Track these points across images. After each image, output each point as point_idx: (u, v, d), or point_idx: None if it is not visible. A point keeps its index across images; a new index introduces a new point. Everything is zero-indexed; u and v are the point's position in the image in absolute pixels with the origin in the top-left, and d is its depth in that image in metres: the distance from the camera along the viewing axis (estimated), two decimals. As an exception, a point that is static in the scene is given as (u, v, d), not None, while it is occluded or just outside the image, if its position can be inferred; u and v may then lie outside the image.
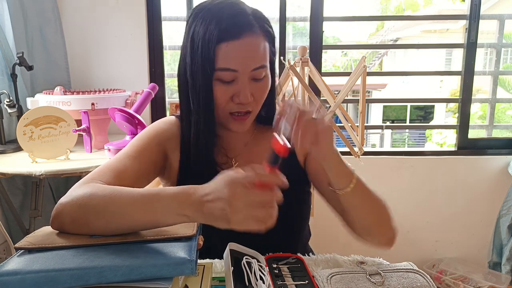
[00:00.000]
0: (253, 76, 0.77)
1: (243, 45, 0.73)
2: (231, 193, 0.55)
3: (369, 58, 10.82)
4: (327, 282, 0.66)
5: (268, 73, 0.80)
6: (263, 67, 0.77)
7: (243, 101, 0.76)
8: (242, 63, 0.74)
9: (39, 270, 0.53)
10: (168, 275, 0.53)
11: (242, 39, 0.73)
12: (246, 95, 0.76)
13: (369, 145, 8.38)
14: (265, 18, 0.78)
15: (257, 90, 0.78)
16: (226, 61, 0.73)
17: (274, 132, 0.64)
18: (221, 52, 0.73)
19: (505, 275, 2.03)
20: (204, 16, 0.75)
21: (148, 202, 0.61)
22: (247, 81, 0.76)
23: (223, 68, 0.74)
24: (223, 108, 0.78)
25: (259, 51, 0.75)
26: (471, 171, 2.16)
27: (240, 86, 0.76)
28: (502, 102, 2.41)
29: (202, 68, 0.74)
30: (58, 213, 0.65)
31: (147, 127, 0.89)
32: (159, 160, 0.84)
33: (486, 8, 6.25)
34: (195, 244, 0.60)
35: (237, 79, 0.76)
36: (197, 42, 0.74)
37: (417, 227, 2.21)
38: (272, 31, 0.80)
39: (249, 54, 0.74)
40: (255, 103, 0.80)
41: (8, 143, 1.69)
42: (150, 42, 2.04)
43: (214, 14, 0.74)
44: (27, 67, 1.67)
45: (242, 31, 0.73)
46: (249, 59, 0.74)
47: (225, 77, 0.75)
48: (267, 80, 0.80)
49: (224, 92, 0.76)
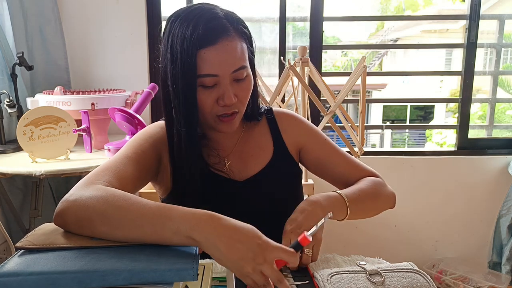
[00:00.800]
0: (234, 77, 0.78)
1: (220, 49, 0.74)
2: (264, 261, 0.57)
3: (369, 58, 10.82)
4: (327, 282, 0.66)
5: (249, 73, 0.81)
6: (243, 67, 0.78)
7: (228, 103, 0.77)
8: (221, 68, 0.75)
9: (41, 272, 0.52)
10: (169, 280, 0.53)
11: (218, 44, 0.74)
12: (229, 97, 0.77)
13: (369, 145, 8.38)
14: (238, 19, 0.79)
15: (240, 90, 0.80)
16: (205, 67, 0.75)
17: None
18: (200, 60, 0.74)
19: (505, 275, 2.03)
20: (180, 23, 0.76)
21: (159, 218, 0.60)
22: (229, 84, 0.77)
23: (204, 74, 0.75)
24: (210, 112, 0.80)
25: (236, 53, 0.76)
26: (471, 171, 2.16)
27: (223, 89, 0.77)
28: (502, 102, 2.41)
29: (183, 77, 0.75)
30: (63, 210, 0.64)
31: (140, 131, 0.89)
32: (154, 163, 0.85)
33: (486, 8, 6.25)
34: (197, 249, 0.60)
35: (219, 83, 0.77)
36: (175, 52, 0.75)
37: (417, 227, 2.21)
38: (248, 31, 0.81)
39: (227, 57, 0.75)
40: (240, 103, 0.81)
41: (8, 143, 1.69)
42: (150, 42, 2.04)
43: (189, 21, 0.75)
44: (27, 67, 1.67)
45: (217, 36, 0.74)
46: (227, 63, 0.76)
47: (207, 82, 0.76)
48: (249, 79, 0.81)
49: (208, 97, 0.77)
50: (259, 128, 0.95)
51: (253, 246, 0.57)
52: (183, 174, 0.83)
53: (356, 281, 0.67)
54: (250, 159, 0.90)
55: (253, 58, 0.85)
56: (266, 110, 0.96)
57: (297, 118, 0.97)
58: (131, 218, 0.61)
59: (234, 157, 0.90)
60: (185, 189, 0.83)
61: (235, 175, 0.88)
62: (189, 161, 0.81)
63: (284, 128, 0.95)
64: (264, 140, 0.93)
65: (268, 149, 0.92)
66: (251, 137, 0.93)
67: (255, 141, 0.93)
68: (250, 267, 0.57)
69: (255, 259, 0.57)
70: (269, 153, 0.92)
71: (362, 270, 0.70)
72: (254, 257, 0.57)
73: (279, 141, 0.93)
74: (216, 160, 0.87)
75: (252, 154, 0.91)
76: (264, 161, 0.91)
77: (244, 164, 0.89)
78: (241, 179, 0.88)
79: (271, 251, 0.58)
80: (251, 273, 0.57)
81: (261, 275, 0.57)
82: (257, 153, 0.91)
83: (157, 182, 0.90)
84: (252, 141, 0.92)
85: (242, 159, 0.90)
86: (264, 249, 0.57)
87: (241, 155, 0.90)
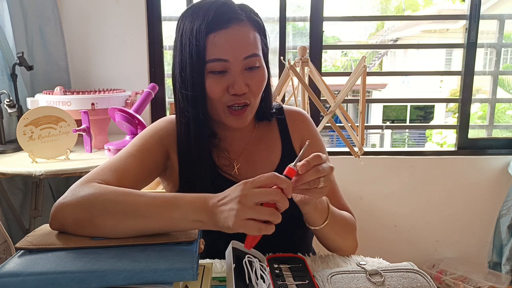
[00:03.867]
0: (246, 65, 0.76)
1: (231, 33, 0.73)
2: (243, 193, 0.57)
3: (369, 58, 10.82)
4: (327, 282, 0.66)
5: (262, 64, 0.79)
6: (255, 55, 0.76)
7: (238, 92, 0.75)
8: (232, 52, 0.73)
9: (41, 272, 0.53)
10: (169, 280, 0.54)
11: (229, 28, 0.73)
12: (240, 85, 0.75)
13: (369, 145, 8.38)
14: (251, 9, 0.78)
15: (252, 80, 0.77)
16: (215, 51, 0.73)
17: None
18: (210, 44, 0.73)
19: (505, 275, 2.03)
20: (191, 13, 0.76)
21: (165, 206, 0.62)
22: (240, 71, 0.75)
23: (213, 59, 0.73)
24: (219, 101, 0.77)
25: (248, 39, 0.75)
26: (471, 171, 2.16)
27: (234, 77, 0.75)
28: (502, 102, 2.41)
29: (192, 62, 0.74)
30: (59, 213, 0.64)
31: (148, 126, 0.88)
32: (161, 159, 0.83)
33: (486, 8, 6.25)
34: (197, 249, 0.60)
35: (229, 70, 0.75)
36: (185, 38, 0.75)
37: (417, 227, 2.21)
38: (261, 21, 0.80)
39: (238, 42, 0.74)
40: (252, 94, 0.78)
41: (8, 143, 1.69)
42: (150, 42, 2.04)
43: (200, 9, 0.74)
44: (27, 67, 1.67)
45: (229, 20, 0.73)
46: (238, 48, 0.74)
47: (217, 67, 0.74)
48: (263, 70, 0.79)
49: (217, 84, 0.75)
50: (269, 127, 0.92)
51: (236, 192, 0.58)
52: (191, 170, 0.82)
53: (356, 281, 0.67)
54: (259, 162, 0.89)
55: (267, 52, 0.82)
56: (277, 109, 0.93)
57: (306, 119, 0.95)
58: (134, 210, 0.62)
59: (244, 160, 0.88)
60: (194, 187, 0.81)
61: (244, 178, 0.87)
62: (198, 151, 0.80)
63: (293, 128, 0.93)
64: (273, 141, 0.91)
65: (277, 150, 0.90)
66: (261, 138, 0.91)
67: (265, 143, 0.91)
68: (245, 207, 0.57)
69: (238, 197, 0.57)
70: (277, 155, 0.90)
71: (362, 270, 0.70)
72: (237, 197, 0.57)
73: (287, 142, 0.91)
74: (225, 162, 0.86)
75: (261, 157, 0.89)
76: (273, 164, 0.89)
77: (252, 168, 0.88)
78: None
79: (249, 182, 0.59)
80: (249, 211, 0.56)
81: (255, 207, 0.57)
82: (266, 156, 0.89)
83: (165, 178, 0.89)
84: (262, 143, 0.90)
85: (251, 162, 0.88)
86: (246, 185, 0.59)
87: (250, 158, 0.89)
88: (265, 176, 0.59)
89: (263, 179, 0.59)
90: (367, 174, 2.12)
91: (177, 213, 0.61)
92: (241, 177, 0.85)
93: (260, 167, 0.88)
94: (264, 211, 0.57)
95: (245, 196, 0.57)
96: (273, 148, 0.90)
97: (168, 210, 0.61)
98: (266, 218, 0.57)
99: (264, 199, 0.57)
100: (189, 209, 0.61)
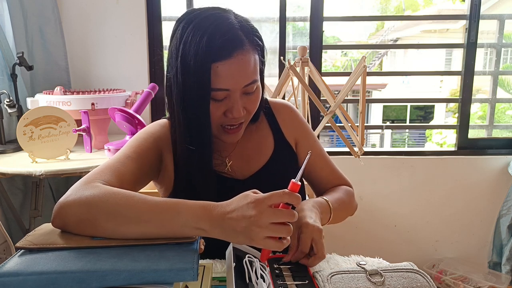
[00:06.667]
0: (244, 91, 0.78)
1: (234, 64, 0.73)
2: (258, 212, 0.59)
3: (369, 58, 10.82)
4: (327, 282, 0.66)
5: (259, 85, 0.80)
6: (254, 81, 0.78)
7: (236, 116, 0.77)
8: (233, 82, 0.75)
9: (41, 272, 0.53)
10: (169, 281, 0.54)
11: (233, 58, 0.73)
12: (238, 110, 0.77)
13: (369, 145, 8.38)
14: (253, 29, 0.78)
15: (249, 103, 0.80)
16: (218, 81, 0.73)
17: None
18: (213, 73, 0.73)
19: (505, 275, 2.03)
20: (193, 31, 0.73)
21: (166, 212, 0.62)
22: (239, 97, 0.77)
23: (216, 88, 0.74)
24: (215, 122, 0.79)
25: (249, 68, 0.76)
26: (471, 171, 2.16)
27: (233, 102, 0.76)
28: (502, 102, 2.41)
29: (197, 90, 0.74)
30: (62, 211, 0.64)
31: (142, 129, 0.89)
32: (156, 162, 0.84)
33: (486, 8, 6.24)
34: (197, 249, 0.60)
35: (229, 96, 0.76)
36: (189, 62, 0.73)
37: (417, 227, 2.21)
38: (261, 42, 0.80)
39: (241, 72, 0.75)
40: (248, 114, 0.81)
41: (8, 143, 1.69)
42: (150, 42, 2.04)
43: (204, 30, 0.72)
44: (27, 67, 1.67)
45: (233, 50, 0.73)
46: (240, 78, 0.75)
47: (218, 96, 0.76)
48: (258, 91, 0.81)
49: (217, 109, 0.77)
50: (258, 123, 0.94)
51: (250, 210, 0.59)
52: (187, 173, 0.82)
53: (356, 281, 0.67)
54: (251, 157, 0.90)
55: (264, 68, 0.84)
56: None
57: (293, 110, 0.97)
58: (137, 214, 0.62)
59: (236, 157, 0.89)
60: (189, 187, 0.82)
61: (237, 174, 0.88)
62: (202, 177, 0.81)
63: (282, 120, 0.95)
64: (264, 135, 0.93)
65: (269, 143, 0.92)
66: (251, 135, 0.92)
67: (256, 138, 0.92)
68: (255, 226, 0.58)
69: (253, 217, 0.58)
70: (270, 148, 0.92)
71: (362, 270, 0.70)
72: (252, 216, 0.58)
73: (278, 134, 0.94)
74: (218, 161, 0.87)
75: (253, 151, 0.91)
76: (266, 156, 0.91)
77: (245, 163, 0.89)
78: (243, 177, 0.88)
79: (262, 201, 0.60)
80: (261, 230, 0.58)
81: (271, 226, 0.59)
82: (258, 150, 0.91)
83: (158, 181, 0.89)
84: (253, 139, 0.92)
85: (243, 158, 0.90)
86: (256, 204, 0.59)
87: (243, 154, 0.90)
88: (278, 195, 0.60)
89: (275, 199, 0.60)
90: (367, 174, 2.12)
91: (178, 220, 0.61)
92: (234, 173, 0.87)
93: (253, 161, 0.90)
94: (282, 230, 0.60)
95: (261, 216, 0.58)
96: (264, 141, 0.92)
97: (169, 217, 0.62)
98: (283, 235, 0.60)
99: (280, 220, 0.59)
100: (190, 217, 0.61)
